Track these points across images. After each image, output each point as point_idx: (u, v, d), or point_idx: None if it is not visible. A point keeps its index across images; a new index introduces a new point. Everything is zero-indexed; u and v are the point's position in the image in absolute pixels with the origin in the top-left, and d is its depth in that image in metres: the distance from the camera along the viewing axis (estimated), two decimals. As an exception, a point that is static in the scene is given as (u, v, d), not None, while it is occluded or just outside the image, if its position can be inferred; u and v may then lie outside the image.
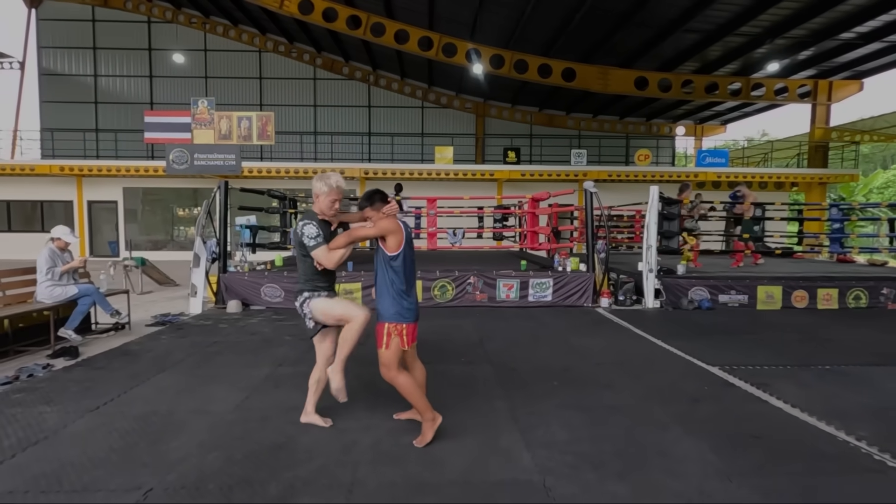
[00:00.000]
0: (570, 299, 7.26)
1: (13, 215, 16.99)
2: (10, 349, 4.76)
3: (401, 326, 2.73)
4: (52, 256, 5.11)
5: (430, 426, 2.78)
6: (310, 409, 3.07)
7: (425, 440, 2.75)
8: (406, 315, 2.74)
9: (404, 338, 2.74)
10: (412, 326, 2.78)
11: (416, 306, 2.82)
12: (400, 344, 2.74)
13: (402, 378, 2.77)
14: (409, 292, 2.79)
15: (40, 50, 20.92)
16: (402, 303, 2.74)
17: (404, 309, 2.74)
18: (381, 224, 2.74)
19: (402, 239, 2.74)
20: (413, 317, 2.78)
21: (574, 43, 14.42)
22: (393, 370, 2.75)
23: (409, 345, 2.77)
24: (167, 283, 9.91)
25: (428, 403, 2.80)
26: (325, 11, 14.56)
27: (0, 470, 2.48)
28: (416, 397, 2.77)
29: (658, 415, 3.25)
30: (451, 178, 16.55)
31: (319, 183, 2.84)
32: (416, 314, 2.81)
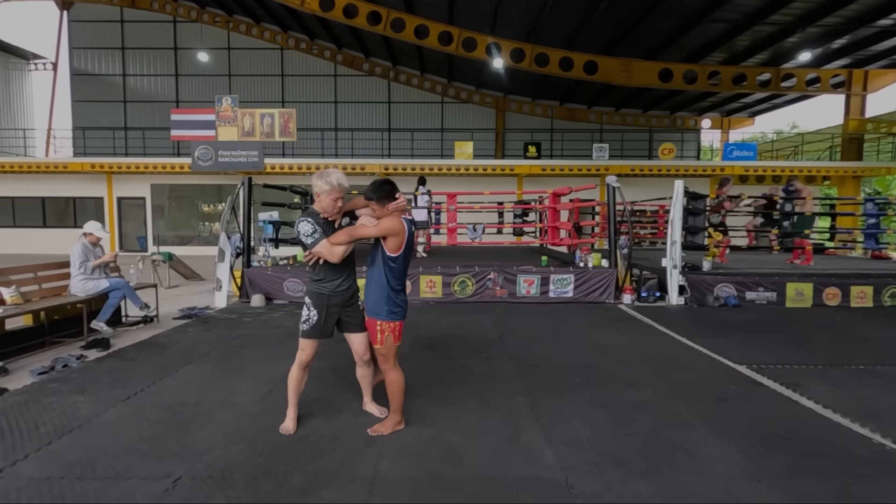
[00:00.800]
0: (592, 295, 7.17)
1: (48, 211, 17.60)
2: (46, 340, 4.94)
3: (393, 324, 2.78)
4: (85, 251, 5.27)
5: (392, 424, 2.89)
6: (366, 400, 3.21)
7: (379, 431, 2.85)
8: (398, 313, 2.79)
9: (396, 333, 2.80)
10: (401, 324, 2.83)
11: (406, 304, 2.87)
12: (393, 340, 2.80)
13: (395, 374, 2.85)
14: (401, 291, 2.82)
15: (72, 51, 21.58)
16: (396, 301, 2.77)
17: (397, 307, 2.78)
18: (383, 224, 2.67)
19: (403, 240, 2.70)
20: (404, 314, 2.84)
21: (596, 35, 14.18)
22: (390, 362, 2.83)
23: (398, 341, 2.83)
24: (193, 278, 10.15)
25: (402, 407, 2.91)
26: (346, 8, 14.63)
27: (38, 456, 2.58)
28: (397, 397, 2.86)
29: (683, 413, 3.19)
30: (471, 173, 16.50)
31: (320, 181, 2.72)
32: (405, 311, 2.85)
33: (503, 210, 12.01)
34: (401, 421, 2.91)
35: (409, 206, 3.00)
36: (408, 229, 2.74)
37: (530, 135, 19.74)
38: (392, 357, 2.83)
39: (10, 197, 17.41)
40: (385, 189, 2.71)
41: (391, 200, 2.71)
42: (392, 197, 2.72)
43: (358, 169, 16.36)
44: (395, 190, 2.76)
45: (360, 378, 3.15)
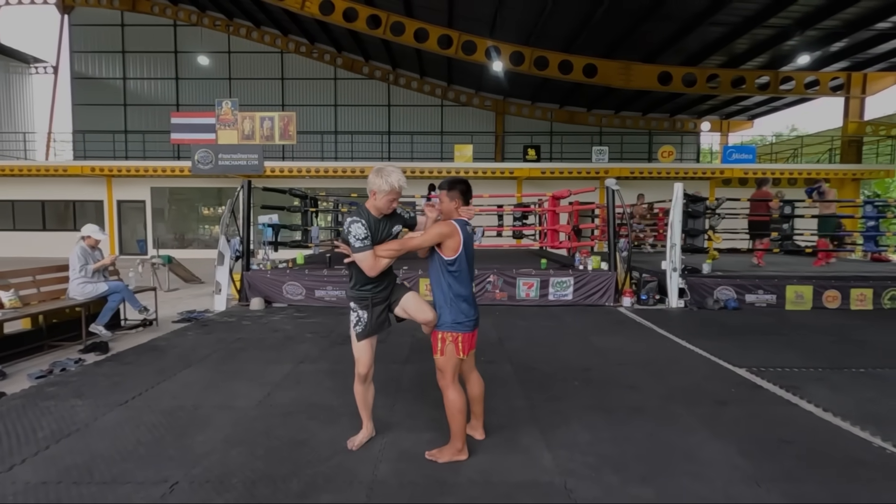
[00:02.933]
0: (592, 298, 7.17)
1: (47, 214, 17.60)
2: (45, 344, 4.93)
3: (456, 335, 2.53)
4: (84, 254, 5.27)
5: (452, 452, 2.58)
6: None
7: (438, 457, 2.58)
8: (464, 323, 2.54)
9: (459, 346, 2.54)
10: (469, 336, 2.57)
11: (475, 313, 2.60)
12: (455, 352, 2.54)
13: (452, 394, 2.54)
14: (468, 298, 2.57)
15: (73, 54, 21.61)
16: (461, 309, 2.54)
17: (462, 316, 2.53)
18: (432, 231, 2.50)
19: (459, 241, 2.49)
20: (472, 325, 2.57)
21: (596, 38, 14.21)
22: (447, 378, 2.55)
23: (465, 353, 2.56)
24: (193, 281, 10.14)
25: (464, 433, 2.59)
26: (346, 11, 14.67)
27: (35, 461, 2.57)
28: (456, 419, 2.54)
29: (683, 417, 3.18)
30: (471, 176, 16.50)
31: (378, 179, 2.50)
32: (475, 322, 2.59)
33: (503, 213, 12.01)
34: (462, 449, 2.57)
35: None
36: (462, 230, 2.53)
37: (530, 137, 19.76)
38: (450, 373, 2.55)
39: (9, 200, 17.41)
40: (459, 186, 2.59)
41: (459, 197, 2.57)
42: (463, 194, 2.58)
43: (357, 172, 16.38)
44: (470, 191, 2.63)
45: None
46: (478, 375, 2.81)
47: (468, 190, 2.63)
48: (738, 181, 16.69)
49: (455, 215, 2.59)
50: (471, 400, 2.77)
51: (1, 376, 4.01)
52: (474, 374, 2.79)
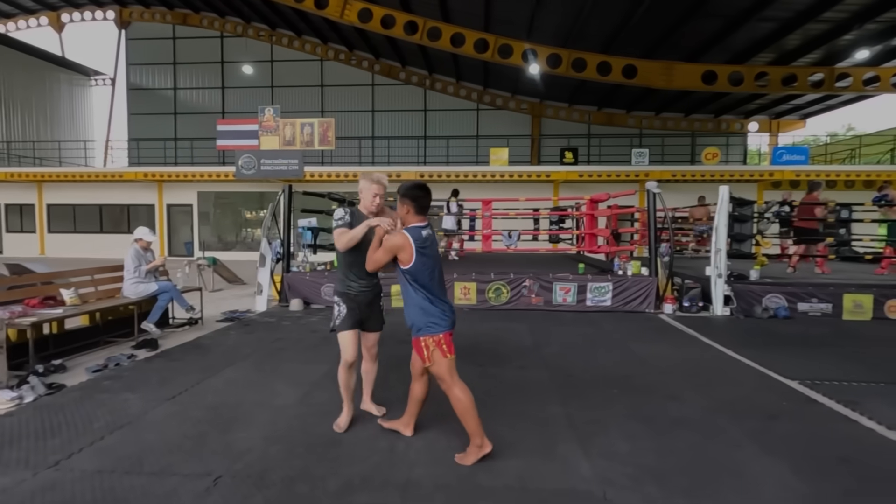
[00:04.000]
0: (631, 304, 6.97)
1: (104, 218, 18.67)
2: (101, 339, 5.22)
3: (437, 337, 2.61)
4: (137, 256, 5.55)
5: (475, 452, 2.59)
6: (365, 398, 3.27)
7: (465, 461, 2.58)
8: (439, 324, 2.62)
9: (443, 347, 2.61)
10: (447, 336, 2.64)
11: (449, 314, 2.67)
12: (441, 354, 2.61)
13: (457, 392, 2.61)
14: (434, 301, 2.64)
15: (129, 67, 22.92)
16: (432, 312, 2.62)
17: (435, 317, 2.62)
18: (385, 246, 2.63)
19: (411, 251, 2.58)
20: (448, 325, 2.65)
21: (636, 38, 13.89)
22: (446, 382, 2.63)
23: (451, 352, 2.63)
24: (235, 282, 10.51)
25: (480, 428, 2.59)
26: (384, 18, 14.92)
27: (91, 450, 2.71)
28: (467, 418, 2.59)
29: (730, 430, 3.04)
30: (507, 179, 16.42)
31: (362, 180, 2.96)
32: (450, 322, 2.66)
33: (539, 217, 11.87)
34: (482, 444, 2.58)
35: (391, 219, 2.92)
36: (415, 239, 2.59)
37: (567, 140, 19.49)
38: (447, 374, 2.61)
39: (71, 204, 18.57)
40: (411, 193, 2.65)
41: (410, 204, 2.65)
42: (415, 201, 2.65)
43: (394, 176, 16.55)
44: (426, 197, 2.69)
45: (363, 373, 3.21)
46: (426, 381, 2.84)
47: (423, 197, 2.67)
48: (788, 184, 15.88)
49: (408, 223, 2.68)
50: (411, 398, 2.86)
51: (62, 369, 4.27)
52: (425, 377, 2.83)
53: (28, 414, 3.22)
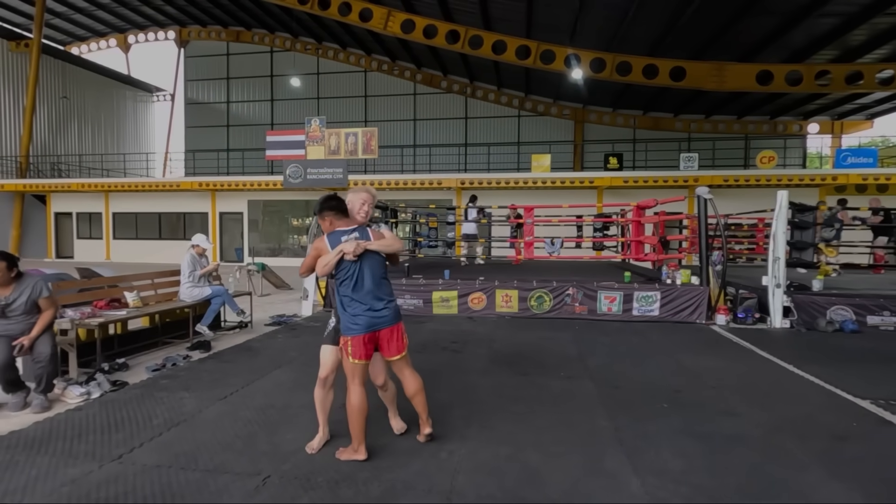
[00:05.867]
0: (681, 315, 6.70)
1: (163, 225, 19.78)
2: (160, 340, 5.52)
3: (345, 339, 2.67)
4: (193, 261, 5.83)
5: (351, 453, 2.67)
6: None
7: (341, 456, 2.69)
8: (350, 328, 2.66)
9: (348, 349, 2.65)
10: (356, 339, 2.64)
11: (364, 319, 2.65)
12: (345, 355, 2.67)
13: (352, 395, 2.65)
14: (349, 305, 2.68)
15: (186, 83, 24.32)
16: (345, 315, 2.69)
17: (347, 321, 2.68)
18: (311, 248, 2.79)
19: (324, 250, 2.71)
20: (356, 330, 2.64)
21: (684, 39, 13.46)
22: (349, 381, 2.68)
23: (356, 357, 2.64)
24: (283, 287, 10.86)
25: (362, 437, 2.66)
26: (426, 28, 15.15)
27: (151, 445, 2.85)
28: (354, 421, 2.64)
29: (793, 450, 2.84)
30: (549, 186, 16.21)
31: (351, 193, 2.90)
32: (362, 328, 2.64)
33: (582, 223, 11.64)
34: (359, 450, 2.65)
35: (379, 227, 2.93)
36: (333, 242, 2.71)
37: (611, 146, 19.05)
38: (349, 377, 2.67)
39: (133, 213, 19.79)
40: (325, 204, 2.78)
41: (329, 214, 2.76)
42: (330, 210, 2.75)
43: (435, 184, 16.70)
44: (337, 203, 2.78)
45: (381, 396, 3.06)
46: (412, 372, 2.84)
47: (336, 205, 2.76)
48: (854, 188, 14.86)
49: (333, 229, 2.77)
50: (409, 398, 2.84)
51: (125, 367, 4.54)
52: (406, 371, 2.83)
53: (95, 409, 3.42)
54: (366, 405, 2.67)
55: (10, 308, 3.58)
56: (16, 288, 3.61)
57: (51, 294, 3.77)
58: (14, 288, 3.60)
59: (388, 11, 15.23)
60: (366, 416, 2.67)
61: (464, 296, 7.10)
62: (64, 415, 3.33)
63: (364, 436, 2.67)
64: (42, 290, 3.70)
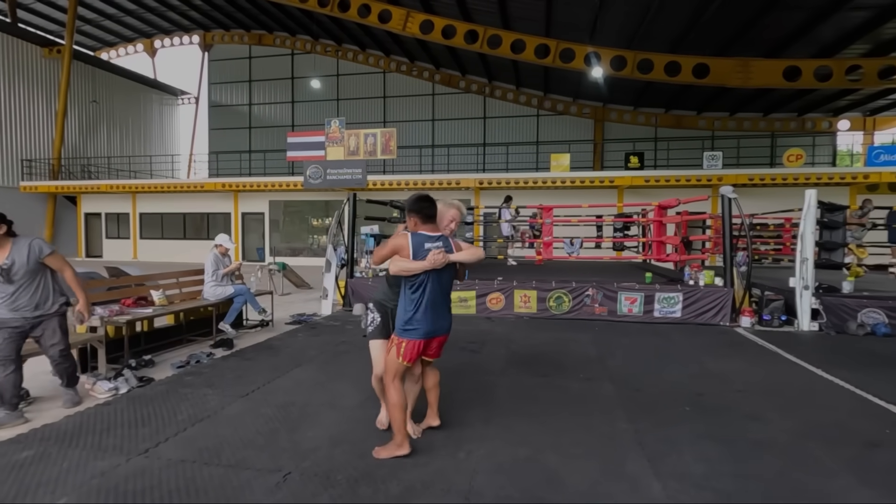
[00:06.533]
0: (704, 316, 6.57)
1: (187, 225, 20.22)
2: (184, 338, 5.64)
3: (400, 340, 2.72)
4: (216, 261, 5.96)
5: (394, 448, 2.71)
6: None
7: (380, 454, 2.72)
8: (408, 331, 2.69)
9: (400, 350, 2.70)
10: (412, 343, 2.69)
11: (425, 326, 2.69)
12: (395, 354, 2.71)
13: (393, 391, 2.70)
14: (412, 309, 2.69)
15: (210, 86, 24.81)
16: (405, 317, 2.71)
17: (407, 324, 2.70)
18: (389, 243, 2.76)
19: (408, 253, 2.67)
20: (414, 335, 2.69)
21: (707, 36, 13.20)
22: (388, 377, 2.75)
23: (405, 359, 2.70)
24: (303, 286, 11.00)
25: (405, 431, 2.73)
26: (444, 29, 15.16)
27: (176, 440, 2.92)
28: (395, 415, 2.70)
29: (821, 457, 2.76)
30: (568, 185, 16.06)
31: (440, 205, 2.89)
32: (421, 334, 2.69)
33: (602, 224, 11.50)
34: (403, 443, 2.71)
35: None
36: (416, 242, 2.68)
37: (632, 144, 18.78)
38: (390, 373, 2.74)
39: (159, 213, 20.29)
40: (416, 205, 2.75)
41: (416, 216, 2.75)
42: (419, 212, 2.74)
43: (454, 183, 16.71)
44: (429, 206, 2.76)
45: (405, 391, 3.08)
46: (431, 369, 2.99)
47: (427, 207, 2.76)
48: (887, 186, 14.36)
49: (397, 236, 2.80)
50: (426, 389, 3.02)
51: (151, 364, 4.65)
52: (427, 369, 2.98)
53: (122, 404, 3.52)
54: (405, 400, 2.75)
55: (12, 272, 3.34)
56: (12, 249, 3.37)
57: (54, 250, 3.55)
58: (10, 249, 3.37)
59: (406, 12, 15.29)
60: (406, 411, 2.74)
61: (482, 296, 7.09)
62: (93, 409, 3.43)
63: (406, 430, 2.74)
64: (42, 247, 3.46)
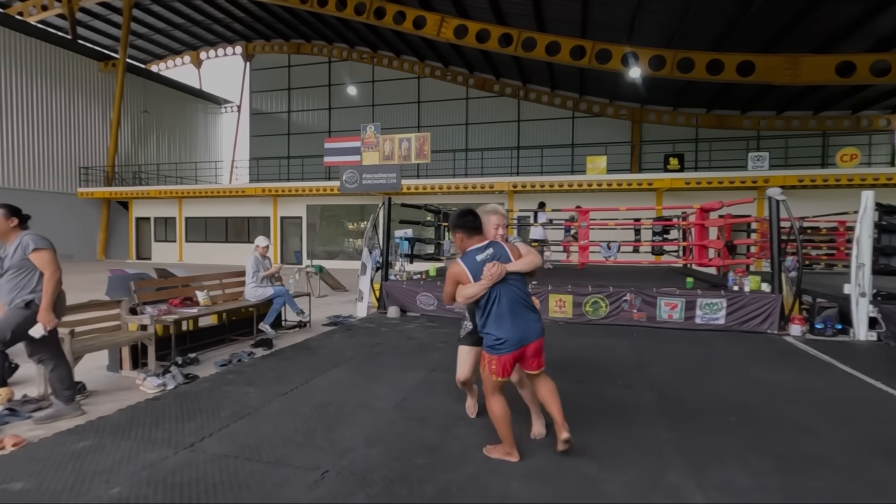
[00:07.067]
0: (750, 324, 6.29)
1: (229, 229, 20.98)
2: (226, 337, 5.84)
3: (490, 357, 2.69)
4: (256, 263, 6.15)
5: (503, 454, 2.73)
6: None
7: (491, 453, 2.76)
8: (495, 348, 2.66)
9: (493, 367, 2.66)
10: (502, 359, 2.65)
11: (509, 338, 2.63)
12: (488, 371, 2.69)
13: (494, 405, 2.70)
14: (492, 326, 2.67)
15: (251, 94, 25.72)
16: (489, 336, 2.69)
17: (492, 341, 2.68)
18: (447, 277, 2.80)
19: (468, 278, 2.70)
20: (502, 350, 2.65)
21: (752, 32, 12.70)
22: (486, 391, 2.74)
23: (499, 376, 2.66)
24: (339, 289, 11.20)
25: (513, 440, 2.72)
26: (479, 33, 15.19)
27: (219, 436, 3.03)
28: (500, 427, 2.70)
29: (880, 474, 2.59)
30: (604, 188, 15.76)
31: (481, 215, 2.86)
32: (510, 346, 2.64)
33: (640, 227, 11.21)
34: (511, 451, 2.71)
35: None
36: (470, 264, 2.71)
37: (671, 146, 18.25)
38: (489, 389, 2.73)
39: (203, 217, 21.13)
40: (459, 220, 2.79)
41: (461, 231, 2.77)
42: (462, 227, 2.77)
43: (487, 187, 16.68)
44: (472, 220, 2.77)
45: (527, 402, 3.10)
46: (543, 377, 2.82)
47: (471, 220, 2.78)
48: (953, 188, 13.40)
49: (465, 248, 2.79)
50: (543, 402, 2.83)
51: (196, 362, 4.84)
52: (536, 378, 2.83)
53: (170, 399, 3.68)
54: (509, 410, 2.72)
55: (4, 264, 3.22)
56: (14, 241, 3.25)
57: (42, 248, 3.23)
58: (13, 241, 3.25)
59: (441, 18, 15.42)
60: (510, 423, 2.71)
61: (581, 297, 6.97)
62: (143, 404, 3.60)
63: (513, 438, 2.73)
64: (30, 243, 3.21)
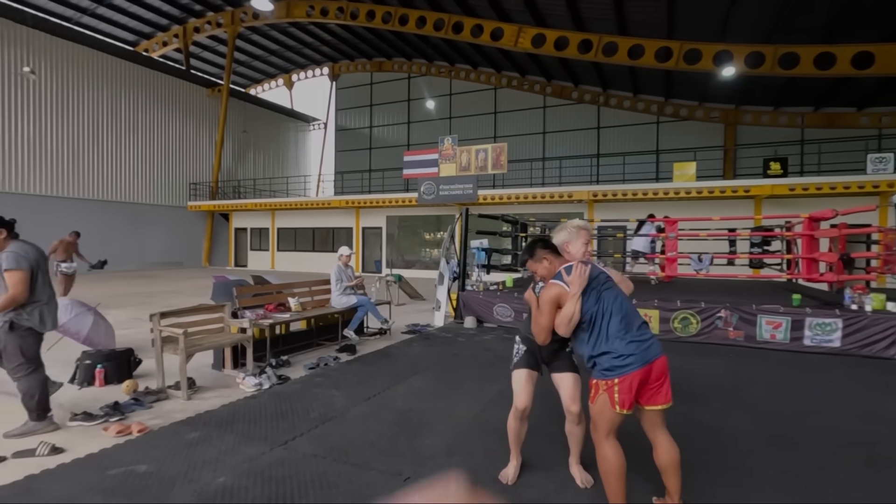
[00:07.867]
0: (872, 348, 5.56)
1: (316, 239, 22.32)
2: (314, 342, 6.21)
3: (610, 382, 2.16)
4: (339, 272, 6.49)
5: None
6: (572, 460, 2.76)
7: None
8: (617, 367, 2.16)
9: (613, 394, 2.14)
10: (626, 380, 2.14)
11: (634, 353, 2.17)
12: (608, 403, 2.17)
13: (608, 451, 2.19)
14: (607, 345, 2.21)
15: (337, 112, 27.33)
16: (605, 358, 2.21)
17: (611, 361, 2.19)
18: (544, 303, 2.34)
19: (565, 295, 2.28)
20: (628, 368, 2.14)
21: (869, 20, 11.40)
22: (598, 432, 2.22)
23: (622, 407, 2.15)
24: (417, 298, 11.47)
25: (624, 499, 2.17)
26: (557, 41, 15.01)
27: (309, 436, 3.22)
28: (611, 482, 2.16)
29: None
30: (694, 196, 14.78)
31: (565, 233, 2.61)
32: (637, 361, 2.16)
33: (736, 238, 10.35)
34: None
35: None
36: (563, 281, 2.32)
37: (773, 149, 16.74)
38: (600, 427, 2.21)
39: (293, 228, 22.67)
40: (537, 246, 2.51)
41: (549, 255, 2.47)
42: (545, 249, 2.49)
43: (566, 197, 16.31)
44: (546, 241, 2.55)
45: (568, 434, 2.69)
46: (667, 439, 2.29)
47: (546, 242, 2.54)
48: None
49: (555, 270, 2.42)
50: (660, 470, 2.29)
51: (287, 364, 5.19)
52: (661, 435, 2.28)
53: (265, 399, 3.97)
54: (624, 462, 2.19)
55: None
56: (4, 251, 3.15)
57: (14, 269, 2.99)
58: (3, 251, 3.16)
59: (518, 28, 15.43)
60: (624, 477, 2.19)
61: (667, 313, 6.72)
62: (243, 401, 3.91)
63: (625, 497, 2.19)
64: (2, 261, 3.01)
